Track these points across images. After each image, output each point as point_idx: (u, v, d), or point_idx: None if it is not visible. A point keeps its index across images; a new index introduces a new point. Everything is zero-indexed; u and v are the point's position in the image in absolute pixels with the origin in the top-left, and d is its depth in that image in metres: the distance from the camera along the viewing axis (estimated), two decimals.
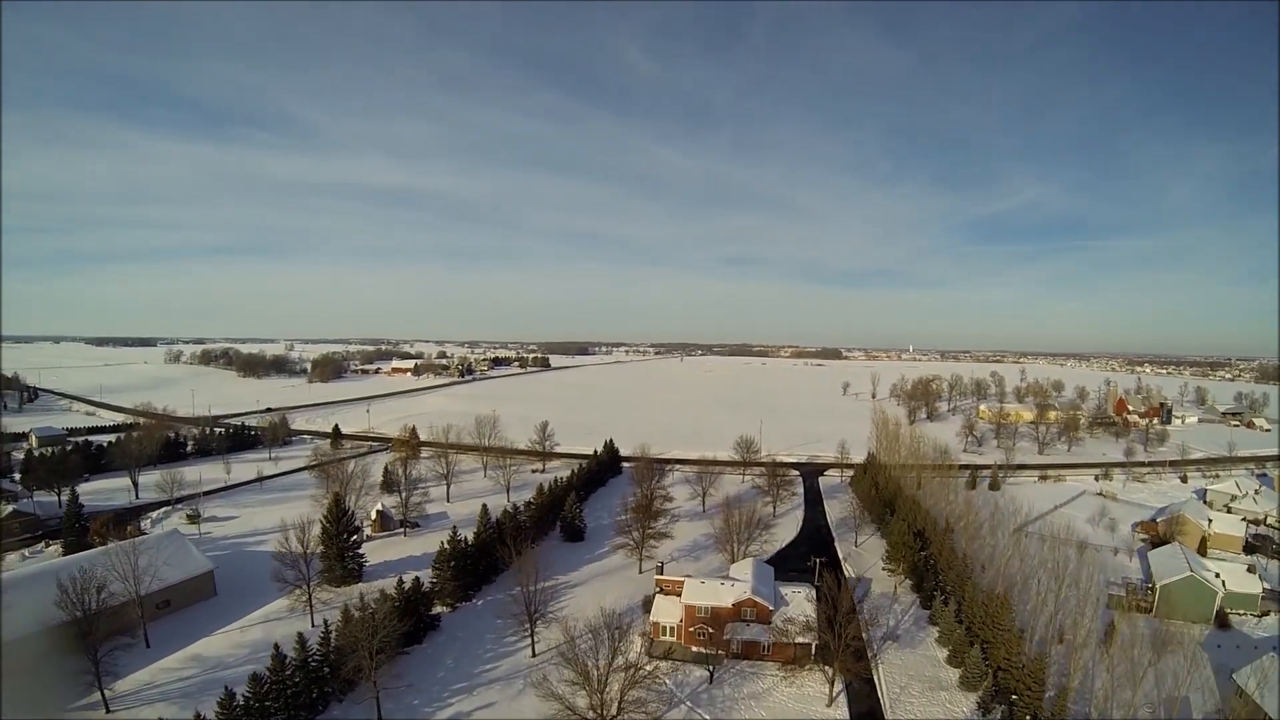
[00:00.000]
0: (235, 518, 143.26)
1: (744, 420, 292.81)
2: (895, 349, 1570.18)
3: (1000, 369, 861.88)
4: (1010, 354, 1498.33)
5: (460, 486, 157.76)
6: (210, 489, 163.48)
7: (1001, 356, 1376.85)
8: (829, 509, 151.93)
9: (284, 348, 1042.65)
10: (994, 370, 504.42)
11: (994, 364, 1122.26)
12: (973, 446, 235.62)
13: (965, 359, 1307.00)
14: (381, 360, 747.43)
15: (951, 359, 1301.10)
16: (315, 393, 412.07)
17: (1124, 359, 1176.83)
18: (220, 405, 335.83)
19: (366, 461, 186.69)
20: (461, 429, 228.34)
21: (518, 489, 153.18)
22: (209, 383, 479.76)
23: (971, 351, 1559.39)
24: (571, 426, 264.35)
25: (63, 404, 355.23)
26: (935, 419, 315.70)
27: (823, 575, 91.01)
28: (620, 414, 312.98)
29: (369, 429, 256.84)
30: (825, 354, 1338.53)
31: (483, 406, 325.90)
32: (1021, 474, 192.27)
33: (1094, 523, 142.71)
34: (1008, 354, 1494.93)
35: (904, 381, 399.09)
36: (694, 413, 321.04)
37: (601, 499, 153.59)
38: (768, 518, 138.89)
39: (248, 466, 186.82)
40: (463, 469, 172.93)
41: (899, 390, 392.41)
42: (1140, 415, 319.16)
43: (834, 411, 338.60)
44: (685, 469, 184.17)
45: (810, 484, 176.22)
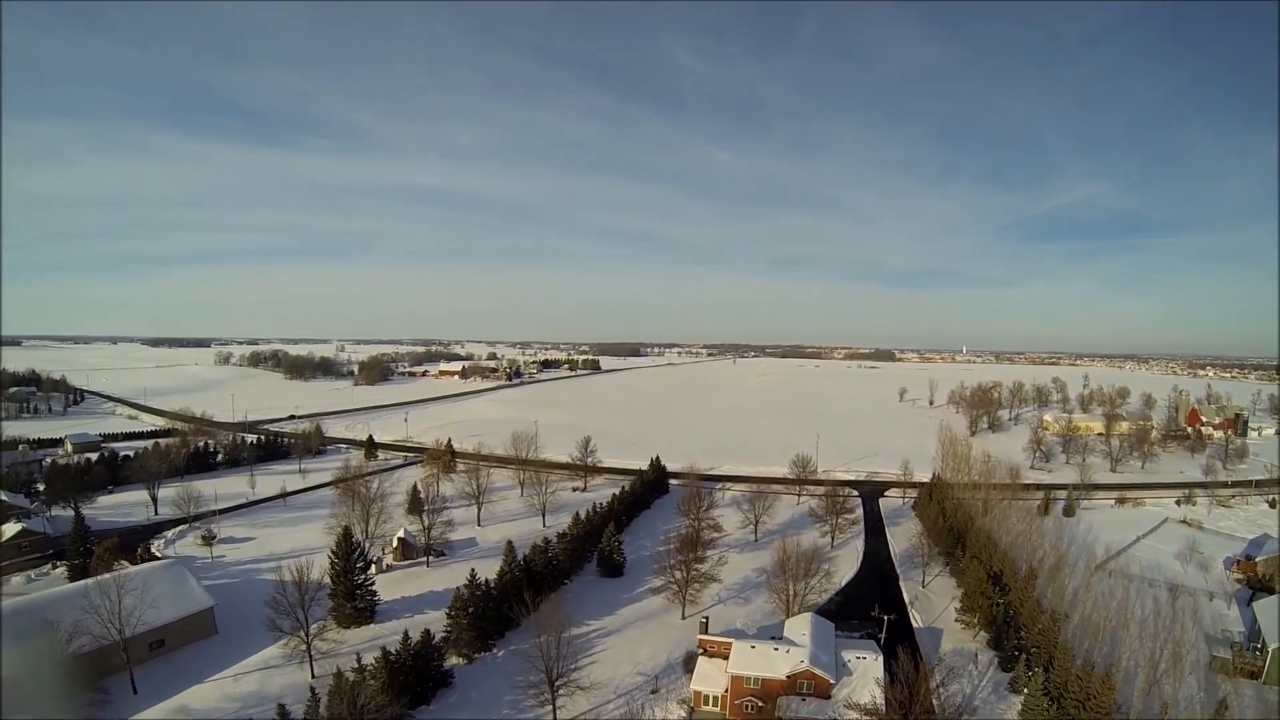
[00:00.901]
0: (252, 539, 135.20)
1: (798, 429, 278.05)
2: (948, 350, 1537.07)
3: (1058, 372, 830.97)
4: (1065, 355, 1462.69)
5: (493, 508, 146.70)
6: (230, 505, 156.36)
7: (1056, 358, 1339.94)
8: (892, 538, 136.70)
9: (335, 349, 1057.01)
10: (1055, 376, 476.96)
11: (1050, 366, 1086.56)
12: (1040, 462, 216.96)
13: (1020, 360, 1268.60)
14: (430, 362, 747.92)
15: (1006, 360, 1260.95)
16: (359, 396, 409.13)
17: (1184, 361, 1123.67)
18: (261, 409, 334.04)
19: (394, 478, 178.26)
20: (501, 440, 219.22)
21: (555, 511, 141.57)
22: (255, 385, 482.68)
23: (1025, 353, 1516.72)
24: (618, 436, 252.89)
25: (107, 407, 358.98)
26: (997, 429, 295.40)
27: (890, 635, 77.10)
28: (669, 422, 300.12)
29: (406, 438, 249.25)
30: (878, 355, 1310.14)
31: (527, 413, 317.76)
32: (1096, 495, 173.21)
33: (1183, 559, 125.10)
34: (1062, 355, 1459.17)
35: (962, 388, 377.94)
36: (746, 421, 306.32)
37: (646, 523, 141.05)
38: (825, 549, 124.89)
39: (275, 480, 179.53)
40: (498, 485, 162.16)
41: (957, 397, 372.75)
42: (1214, 427, 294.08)
43: (891, 420, 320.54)
44: (737, 488, 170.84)
45: (870, 506, 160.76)
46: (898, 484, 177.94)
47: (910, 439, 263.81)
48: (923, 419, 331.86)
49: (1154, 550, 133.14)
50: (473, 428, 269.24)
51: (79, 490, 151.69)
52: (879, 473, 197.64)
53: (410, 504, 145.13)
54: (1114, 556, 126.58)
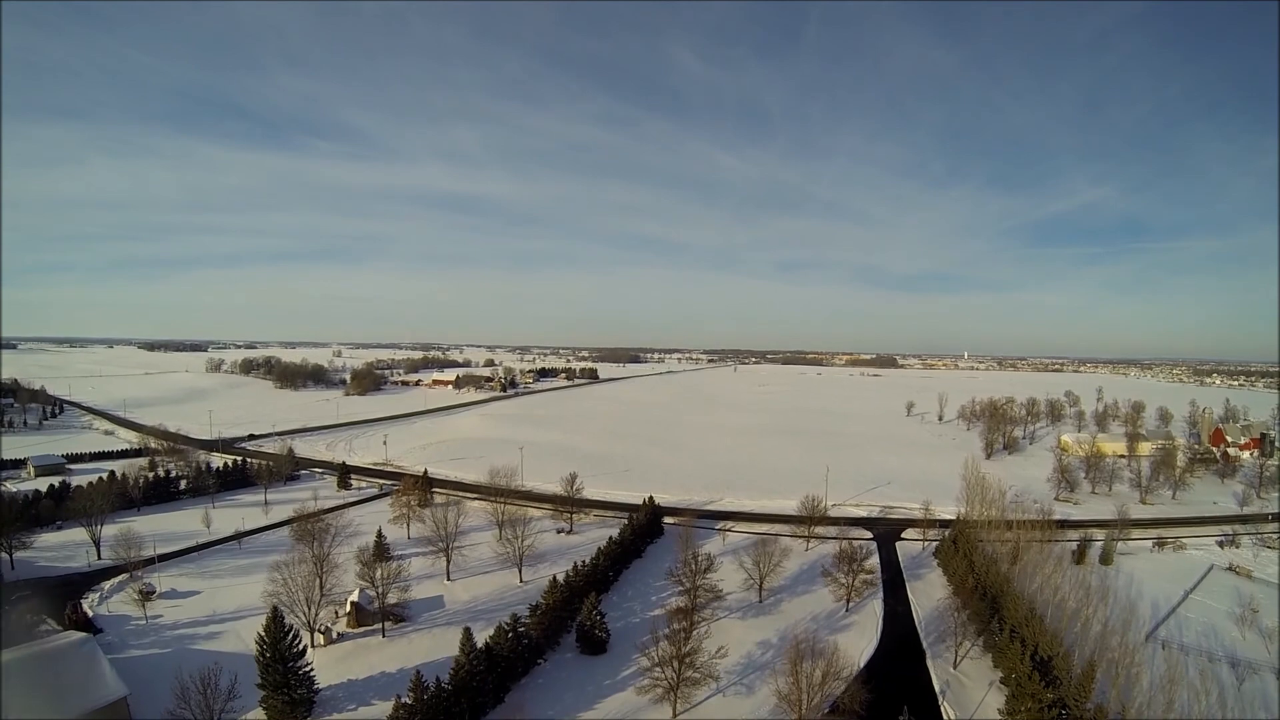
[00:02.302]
0: (196, 594, 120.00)
1: (803, 451, 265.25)
2: (949, 355, 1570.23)
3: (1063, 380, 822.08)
4: (1068, 360, 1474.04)
5: (466, 555, 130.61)
6: (178, 549, 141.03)
7: (1060, 364, 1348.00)
8: (914, 597, 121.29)
9: (332, 354, 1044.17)
10: (1068, 390, 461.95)
11: (1054, 373, 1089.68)
12: (1065, 492, 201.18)
13: (1023, 367, 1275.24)
14: (426, 369, 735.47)
15: (1009, 367, 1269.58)
16: (348, 408, 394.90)
17: (1188, 367, 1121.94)
18: (244, 423, 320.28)
19: (355, 519, 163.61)
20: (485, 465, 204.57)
21: (536, 561, 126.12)
22: (242, 396, 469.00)
23: (1028, 359, 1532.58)
24: (611, 461, 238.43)
25: (84, 420, 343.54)
26: (1014, 450, 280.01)
27: None
28: (666, 443, 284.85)
29: (386, 461, 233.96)
30: (880, 362, 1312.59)
31: (518, 431, 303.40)
32: (1132, 533, 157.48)
33: (1241, 622, 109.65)
34: (1065, 360, 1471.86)
35: (974, 404, 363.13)
36: (747, 442, 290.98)
37: (637, 576, 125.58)
38: (838, 615, 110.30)
39: (236, 514, 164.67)
40: (473, 526, 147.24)
41: (968, 412, 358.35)
42: (1240, 448, 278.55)
43: (901, 440, 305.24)
44: (738, 529, 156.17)
45: (887, 553, 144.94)
46: (916, 523, 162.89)
47: (923, 462, 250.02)
48: (934, 438, 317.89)
49: (1205, 608, 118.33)
50: (458, 449, 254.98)
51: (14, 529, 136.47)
52: (893, 507, 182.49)
53: (375, 550, 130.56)
54: (1164, 621, 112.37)
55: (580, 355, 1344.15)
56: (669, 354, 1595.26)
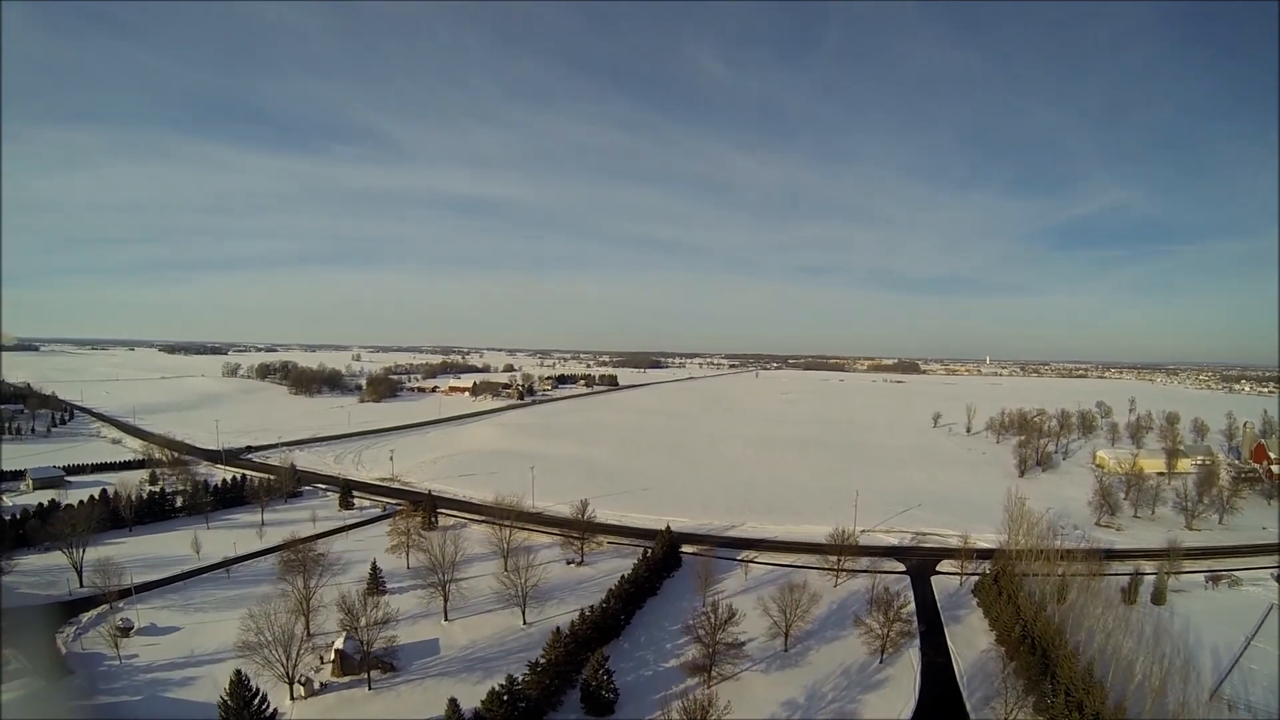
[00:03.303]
0: (177, 629, 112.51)
1: (828, 468, 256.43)
2: (971, 360, 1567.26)
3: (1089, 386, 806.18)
4: (1091, 365, 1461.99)
5: (467, 589, 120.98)
6: (163, 578, 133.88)
7: (1084, 369, 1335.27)
8: (954, 644, 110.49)
9: (351, 357, 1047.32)
10: (1100, 400, 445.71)
11: (1079, 379, 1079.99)
12: (1106, 516, 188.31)
13: (1046, 372, 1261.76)
14: (445, 374, 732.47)
15: (1033, 373, 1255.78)
16: (362, 416, 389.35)
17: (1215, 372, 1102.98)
18: (254, 432, 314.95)
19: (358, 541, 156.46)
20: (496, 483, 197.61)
21: (543, 597, 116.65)
22: (255, 402, 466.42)
23: (1051, 364, 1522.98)
24: (628, 477, 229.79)
25: (93, 427, 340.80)
26: (1048, 467, 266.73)
27: None
28: (686, 458, 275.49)
29: (393, 476, 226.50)
30: (902, 367, 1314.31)
31: (533, 442, 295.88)
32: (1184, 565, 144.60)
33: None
34: (1089, 365, 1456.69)
35: (1003, 416, 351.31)
36: (770, 456, 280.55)
37: (650, 618, 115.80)
38: (871, 668, 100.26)
39: (230, 536, 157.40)
40: (476, 555, 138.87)
41: (997, 424, 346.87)
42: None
43: (929, 454, 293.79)
44: (762, 561, 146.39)
45: (921, 590, 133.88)
46: (951, 552, 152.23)
47: (954, 480, 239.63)
48: (963, 451, 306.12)
49: (1268, 657, 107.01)
50: (469, 463, 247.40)
51: None
52: (926, 534, 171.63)
53: (369, 584, 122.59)
54: (1227, 675, 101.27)
55: (601, 359, 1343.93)
56: (690, 358, 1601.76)
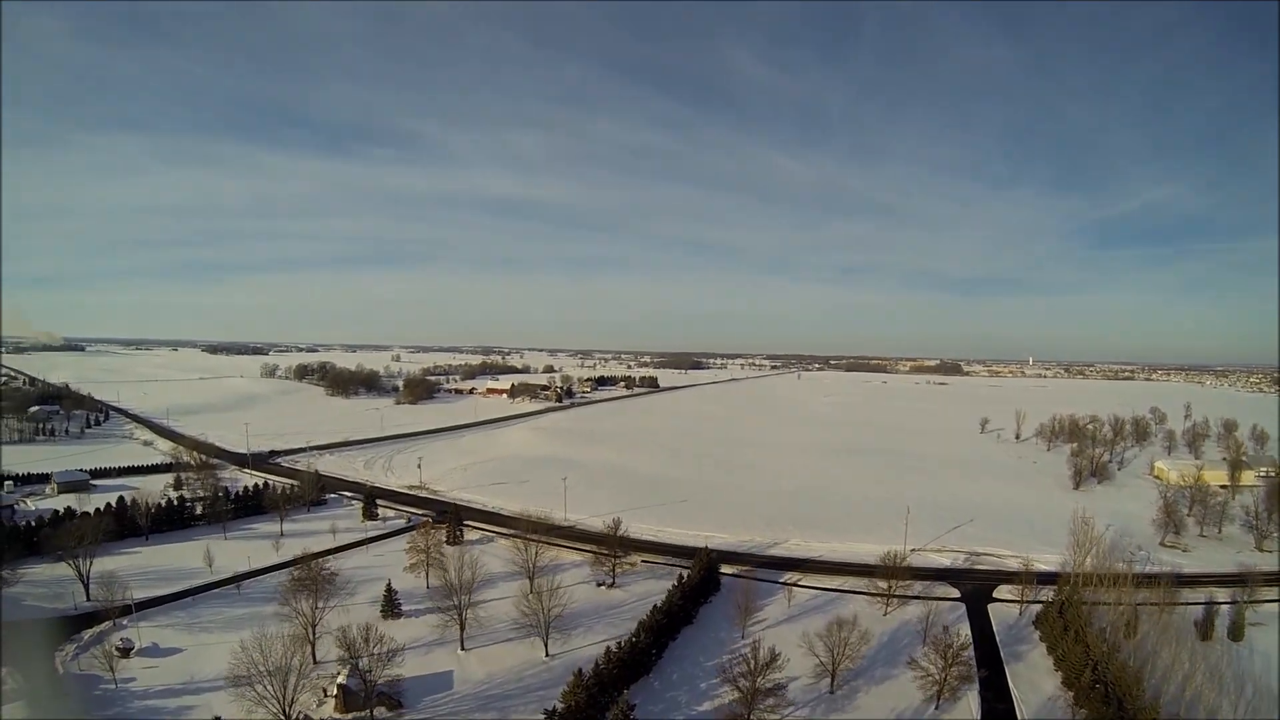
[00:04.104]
0: (179, 651, 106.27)
1: (875, 478, 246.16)
2: (1014, 361, 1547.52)
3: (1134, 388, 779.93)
4: (1137, 366, 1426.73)
5: (486, 615, 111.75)
6: (172, 592, 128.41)
7: (1130, 371, 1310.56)
8: (1016, 688, 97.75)
9: (391, 357, 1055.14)
10: (1154, 406, 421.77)
11: (1124, 380, 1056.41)
12: (1171, 536, 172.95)
13: (1092, 374, 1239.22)
14: (484, 375, 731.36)
15: (1077, 374, 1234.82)
16: (397, 418, 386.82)
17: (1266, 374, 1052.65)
18: (284, 435, 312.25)
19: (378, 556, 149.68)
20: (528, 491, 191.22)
21: (568, 625, 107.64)
22: (291, 403, 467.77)
23: (1095, 365, 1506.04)
24: (667, 486, 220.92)
25: (127, 428, 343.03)
26: (1104, 479, 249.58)
27: None
28: (728, 465, 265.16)
29: (421, 484, 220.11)
30: (945, 369, 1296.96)
31: (570, 448, 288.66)
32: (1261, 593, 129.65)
33: None
34: (1134, 366, 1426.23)
35: (1055, 423, 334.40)
36: (815, 464, 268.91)
37: (686, 651, 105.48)
38: (927, 714, 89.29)
39: (247, 548, 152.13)
40: (498, 575, 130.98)
41: (1048, 430, 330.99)
42: None
43: (978, 464, 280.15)
44: (807, 585, 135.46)
45: (978, 621, 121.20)
46: (1008, 576, 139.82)
47: (1006, 492, 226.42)
48: (1013, 460, 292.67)
49: None
50: (502, 470, 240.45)
51: None
52: (980, 554, 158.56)
53: (384, 605, 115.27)
54: None
55: (643, 360, 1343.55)
56: (732, 359, 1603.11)
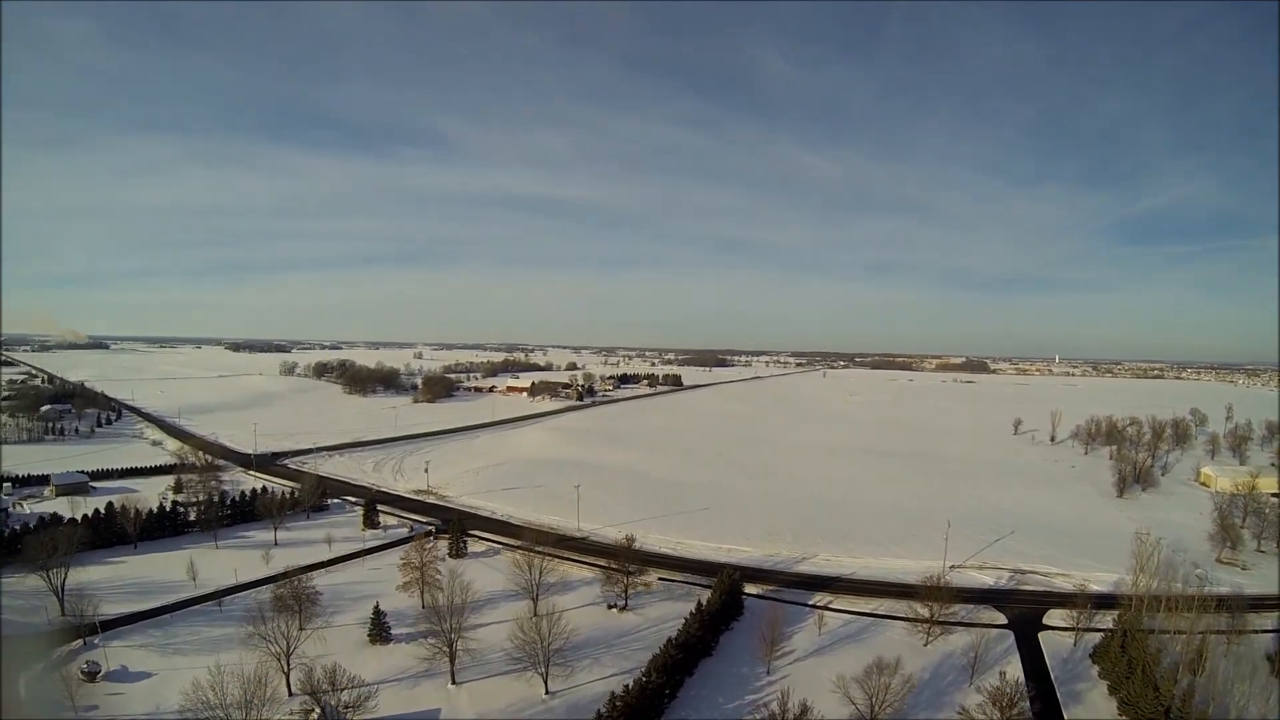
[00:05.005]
0: (149, 676, 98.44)
1: (905, 483, 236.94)
2: (1040, 359, 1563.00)
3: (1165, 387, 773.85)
4: (1167, 365, 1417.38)
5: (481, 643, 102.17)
6: (150, 607, 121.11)
7: (1159, 369, 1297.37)
8: None
9: (413, 355, 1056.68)
10: (1193, 407, 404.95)
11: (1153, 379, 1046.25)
12: (1228, 551, 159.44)
13: (1120, 372, 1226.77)
14: (505, 373, 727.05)
15: (1106, 372, 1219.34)
16: (412, 418, 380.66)
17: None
18: (296, 434, 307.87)
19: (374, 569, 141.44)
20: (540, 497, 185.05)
21: (574, 654, 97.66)
22: (306, 402, 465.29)
23: (1123, 363, 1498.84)
24: (688, 493, 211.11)
25: (138, 427, 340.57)
26: (1148, 486, 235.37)
27: None
28: (752, 469, 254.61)
29: (428, 489, 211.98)
30: (971, 366, 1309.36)
31: (587, 450, 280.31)
32: None
33: None
34: (1164, 365, 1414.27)
35: (1091, 424, 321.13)
36: (842, 469, 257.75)
37: (705, 688, 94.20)
38: None
39: (236, 558, 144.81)
40: (500, 590, 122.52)
41: (1084, 432, 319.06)
42: None
43: (1014, 468, 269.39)
44: (839, 608, 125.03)
45: (1029, 652, 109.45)
46: (1059, 598, 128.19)
47: (1046, 500, 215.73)
48: (1049, 464, 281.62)
49: None
50: (515, 474, 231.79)
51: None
52: (1025, 572, 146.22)
53: (372, 629, 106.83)
54: None
55: (667, 358, 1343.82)
56: (756, 356, 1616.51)
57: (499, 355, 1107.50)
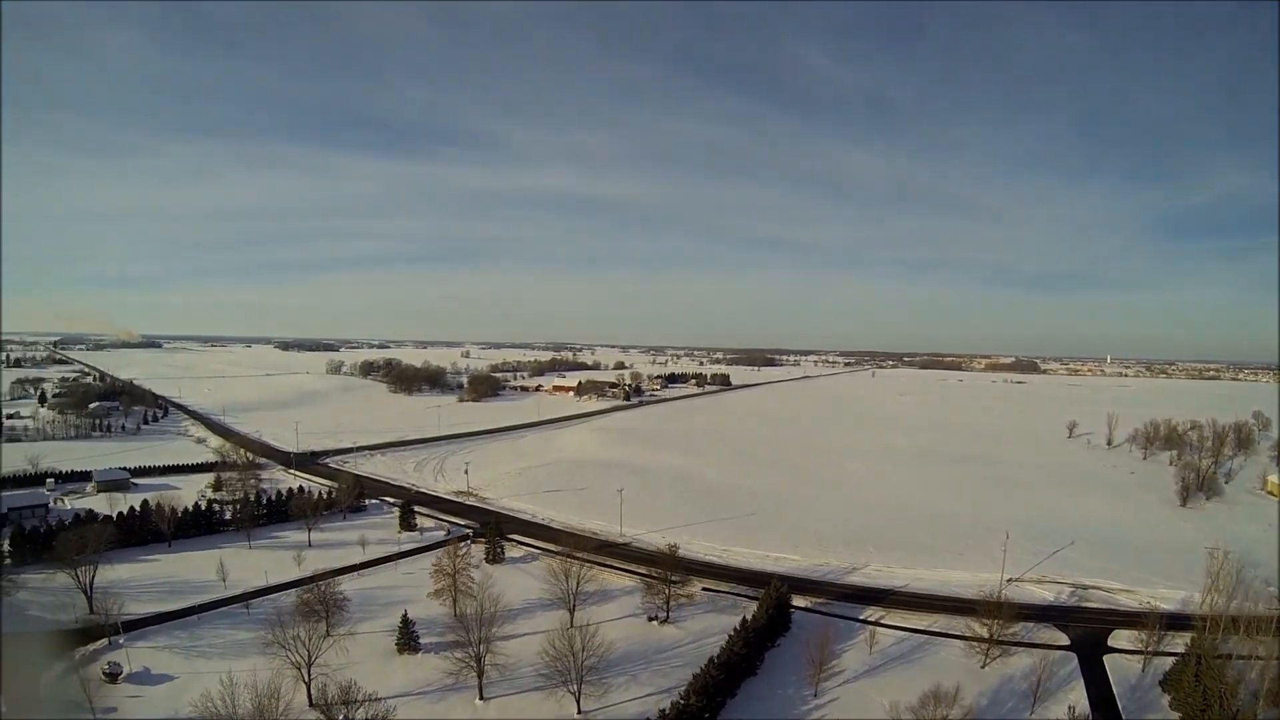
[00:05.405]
0: (170, 679, 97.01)
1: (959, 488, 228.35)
2: (1091, 358, 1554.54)
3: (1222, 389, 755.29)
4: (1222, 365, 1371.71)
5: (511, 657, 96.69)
6: (177, 608, 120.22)
7: (1215, 370, 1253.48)
8: None
9: (460, 354, 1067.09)
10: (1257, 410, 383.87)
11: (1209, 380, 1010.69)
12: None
13: (1174, 372, 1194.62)
14: (553, 371, 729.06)
15: (1159, 373, 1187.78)
16: (456, 417, 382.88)
17: None
18: (340, 433, 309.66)
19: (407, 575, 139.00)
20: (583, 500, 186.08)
21: (609, 671, 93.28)
22: (351, 400, 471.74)
23: (1178, 363, 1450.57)
24: (735, 497, 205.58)
25: (183, 425, 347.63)
26: (1213, 494, 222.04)
27: None
28: (801, 473, 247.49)
29: (467, 490, 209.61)
30: (1020, 366, 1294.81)
31: (632, 452, 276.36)
32: None
33: None
34: (1219, 365, 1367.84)
35: (1151, 428, 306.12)
36: (893, 472, 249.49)
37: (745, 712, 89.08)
38: None
39: (268, 559, 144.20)
40: (535, 599, 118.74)
41: (1142, 436, 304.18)
42: None
43: (1070, 473, 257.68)
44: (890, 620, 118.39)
45: (1094, 679, 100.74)
46: (1123, 618, 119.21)
47: (1106, 508, 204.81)
48: (1107, 469, 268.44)
49: None
50: (559, 475, 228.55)
51: None
52: (1087, 587, 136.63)
53: (400, 639, 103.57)
54: None
55: (715, 357, 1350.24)
56: (804, 355, 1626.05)
57: (547, 355, 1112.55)
